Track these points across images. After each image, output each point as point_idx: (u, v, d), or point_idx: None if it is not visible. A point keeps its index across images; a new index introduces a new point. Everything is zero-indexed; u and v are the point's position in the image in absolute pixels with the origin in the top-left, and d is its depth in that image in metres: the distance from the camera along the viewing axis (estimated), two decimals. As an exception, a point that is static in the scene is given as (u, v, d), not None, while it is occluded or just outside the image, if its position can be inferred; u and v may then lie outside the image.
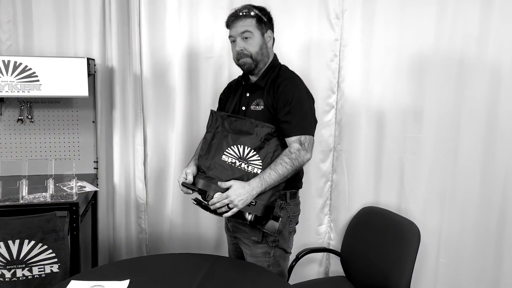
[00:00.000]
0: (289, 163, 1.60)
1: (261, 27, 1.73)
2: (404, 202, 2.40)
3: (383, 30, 2.30)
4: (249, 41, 1.71)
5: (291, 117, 1.64)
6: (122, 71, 2.49)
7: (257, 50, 1.73)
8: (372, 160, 2.41)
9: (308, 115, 1.68)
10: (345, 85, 2.39)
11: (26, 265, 1.93)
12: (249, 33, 1.70)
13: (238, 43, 1.72)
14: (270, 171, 1.60)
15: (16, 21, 2.44)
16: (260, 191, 1.59)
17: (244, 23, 1.70)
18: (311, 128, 1.68)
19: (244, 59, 1.73)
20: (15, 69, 2.16)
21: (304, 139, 1.64)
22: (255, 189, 1.58)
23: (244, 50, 1.72)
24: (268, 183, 1.59)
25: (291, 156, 1.61)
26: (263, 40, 1.74)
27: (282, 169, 1.60)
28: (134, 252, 2.66)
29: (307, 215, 2.49)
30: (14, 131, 2.43)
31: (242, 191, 1.57)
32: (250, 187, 1.58)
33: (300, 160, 1.62)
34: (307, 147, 1.64)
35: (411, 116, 2.34)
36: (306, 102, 1.70)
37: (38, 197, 1.97)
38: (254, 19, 1.71)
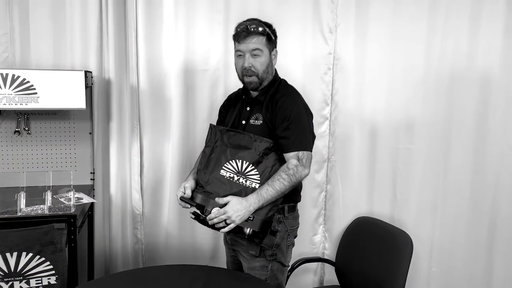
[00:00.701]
0: (286, 179, 1.63)
1: (270, 45, 1.75)
2: (397, 212, 2.45)
3: (376, 44, 2.36)
4: (258, 58, 1.72)
5: (289, 133, 1.67)
6: (119, 83, 2.52)
7: (264, 69, 1.74)
8: (366, 170, 2.46)
9: (306, 131, 1.70)
10: (339, 97, 2.44)
11: (23, 277, 1.94)
12: (259, 51, 1.71)
13: (247, 59, 1.71)
14: (267, 187, 1.62)
15: (13, 33, 2.46)
16: (257, 207, 1.61)
17: (256, 40, 1.70)
18: (309, 144, 1.71)
19: (250, 78, 1.73)
20: (13, 82, 2.18)
21: (302, 155, 1.66)
22: (252, 205, 1.60)
23: (252, 67, 1.72)
24: (265, 199, 1.61)
25: (288, 172, 1.63)
26: (270, 58, 1.76)
27: (279, 185, 1.62)
28: (130, 263, 2.67)
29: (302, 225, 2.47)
30: (11, 143, 2.44)
31: (239, 207, 1.59)
32: (247, 203, 1.60)
33: (298, 176, 1.65)
34: (305, 163, 1.66)
35: (403, 128, 2.39)
36: (305, 118, 1.72)
37: (36, 210, 1.98)
38: (264, 37, 1.72)
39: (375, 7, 2.34)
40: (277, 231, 1.75)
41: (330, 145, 2.50)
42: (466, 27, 2.29)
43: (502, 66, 2.30)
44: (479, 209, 2.37)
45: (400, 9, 2.34)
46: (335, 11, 2.39)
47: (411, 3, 2.31)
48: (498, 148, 2.32)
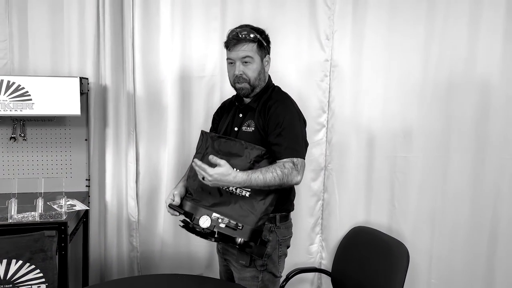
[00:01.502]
0: (279, 176, 1.58)
1: (261, 52, 1.73)
2: (395, 222, 2.41)
3: (373, 51, 2.34)
4: (249, 66, 1.70)
5: (281, 140, 1.64)
6: (115, 90, 2.51)
7: (255, 76, 1.72)
8: (363, 179, 2.43)
9: (299, 138, 1.67)
10: (335, 104, 2.41)
11: (13, 285, 1.92)
12: (249, 58, 1.69)
13: (238, 67, 1.70)
14: (259, 174, 1.57)
15: (12, 40, 2.47)
16: (240, 186, 1.59)
17: (246, 47, 1.69)
18: (302, 151, 1.68)
19: (242, 85, 1.72)
20: (8, 88, 2.18)
21: (297, 161, 1.62)
22: (236, 183, 1.56)
23: (243, 75, 1.70)
24: (251, 184, 1.57)
25: (284, 171, 1.58)
26: (261, 65, 1.74)
27: (270, 178, 1.57)
28: (125, 271, 2.65)
29: (298, 234, 2.48)
30: (7, 149, 2.44)
31: (222, 178, 1.53)
32: (233, 179, 1.54)
33: (290, 179, 1.60)
34: (299, 169, 1.63)
35: (400, 136, 2.36)
36: (297, 124, 1.69)
37: (27, 216, 1.97)
38: (255, 44, 1.70)
39: (372, 13, 2.32)
40: (268, 240, 1.72)
41: (327, 153, 2.47)
42: (464, 32, 2.25)
43: (502, 72, 2.26)
44: (479, 219, 2.32)
45: (397, 15, 2.31)
46: (332, 17, 2.37)
47: (408, 9, 2.29)
48: (498, 156, 2.27)
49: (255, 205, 1.64)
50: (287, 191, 1.76)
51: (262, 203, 1.64)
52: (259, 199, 1.64)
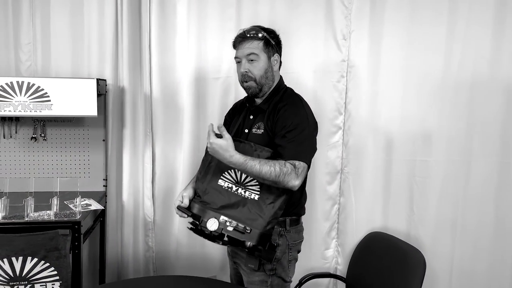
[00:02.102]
0: (276, 172, 1.52)
1: (268, 50, 1.70)
2: (414, 228, 2.32)
3: (391, 51, 2.27)
4: (254, 63, 1.68)
5: (285, 142, 1.60)
6: (132, 91, 2.54)
7: (261, 74, 1.69)
8: (380, 183, 2.35)
9: (304, 141, 1.62)
10: (352, 106, 2.35)
11: (28, 282, 1.97)
12: (255, 55, 1.67)
13: (243, 65, 1.69)
14: (256, 163, 1.53)
15: (35, 42, 2.54)
16: (235, 166, 1.56)
17: (251, 45, 1.67)
18: (305, 155, 1.61)
19: (248, 83, 1.70)
20: (28, 89, 2.24)
21: (298, 164, 1.57)
22: (232, 162, 1.55)
23: (248, 72, 1.68)
24: (245, 170, 1.55)
25: (282, 169, 1.53)
26: (269, 63, 1.71)
27: (266, 171, 1.52)
28: (141, 270, 2.67)
29: (313, 238, 2.44)
30: (28, 149, 2.50)
31: (220, 151, 1.55)
32: (229, 157, 1.54)
33: (287, 180, 1.54)
34: (299, 173, 1.57)
35: (420, 139, 2.27)
36: (305, 128, 1.64)
37: (42, 215, 2.01)
38: (261, 42, 1.68)
39: (390, 12, 2.25)
40: (278, 244, 1.68)
41: (343, 155, 2.41)
42: (489, 31, 2.15)
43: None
44: (503, 227, 2.20)
45: (417, 14, 2.23)
46: (349, 16, 2.31)
47: (428, 8, 2.20)
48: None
49: (264, 208, 1.61)
50: (298, 195, 1.72)
51: (271, 206, 1.61)
52: (268, 202, 1.61)
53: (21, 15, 2.50)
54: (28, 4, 2.50)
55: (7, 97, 2.23)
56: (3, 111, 2.23)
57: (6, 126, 2.47)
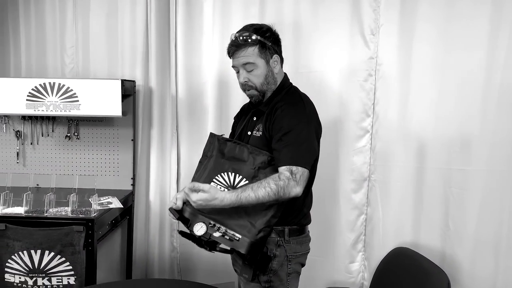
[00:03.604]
0: (273, 190, 1.43)
1: (265, 54, 1.59)
2: (449, 247, 2.05)
3: (424, 47, 2.03)
4: (253, 72, 1.59)
5: (282, 145, 1.49)
6: (160, 92, 2.57)
7: (261, 81, 1.60)
8: (411, 193, 2.12)
9: (302, 144, 1.49)
10: (380, 107, 2.15)
11: (46, 274, 2.05)
12: (252, 64, 1.58)
13: (241, 75, 1.61)
14: (250, 192, 1.44)
15: (77, 46, 2.67)
16: (230, 205, 1.45)
17: (246, 52, 1.57)
18: (303, 160, 1.48)
19: (250, 92, 1.63)
20: (59, 90, 2.35)
21: (296, 170, 1.45)
22: (226, 204, 1.45)
23: (248, 82, 1.60)
24: (242, 204, 1.45)
25: (278, 183, 1.43)
26: (268, 68, 1.60)
27: (263, 193, 1.43)
28: (166, 270, 2.69)
29: (336, 250, 2.28)
30: (62, 147, 2.63)
31: (208, 204, 1.45)
32: (221, 203, 1.44)
33: (287, 192, 1.44)
34: (298, 179, 1.45)
35: (457, 146, 2.01)
36: (303, 129, 1.51)
37: (60, 211, 2.08)
38: (256, 47, 1.57)
39: (423, 3, 2.01)
40: (275, 255, 1.57)
41: (370, 162, 2.21)
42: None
43: None
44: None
45: (455, 5, 1.96)
46: (378, 10, 2.11)
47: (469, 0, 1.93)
48: None
49: (256, 215, 1.51)
50: (298, 202, 1.59)
51: (263, 213, 1.51)
52: (262, 209, 1.51)
53: (66, 20, 2.64)
54: (72, 10, 2.64)
55: (40, 97, 2.35)
56: (37, 110, 2.36)
57: (44, 125, 2.61)
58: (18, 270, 2.04)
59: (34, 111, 2.37)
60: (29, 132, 2.62)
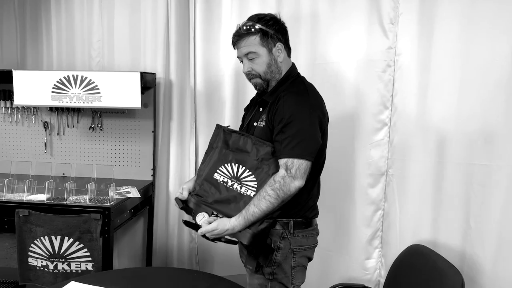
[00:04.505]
0: (273, 196, 1.44)
1: (267, 42, 1.57)
2: (470, 246, 1.95)
3: (446, 35, 1.93)
4: (255, 60, 1.58)
5: (282, 137, 1.47)
6: (179, 84, 2.60)
7: (264, 70, 1.59)
8: (430, 189, 2.03)
9: (303, 135, 1.47)
10: (399, 99, 2.07)
11: (65, 259, 2.13)
12: (253, 53, 1.57)
13: (245, 64, 1.61)
14: (253, 208, 1.47)
15: (103, 40, 2.75)
16: (241, 229, 1.49)
17: (247, 42, 1.57)
18: (302, 152, 1.46)
19: (254, 80, 1.63)
20: (81, 82, 2.43)
21: (291, 164, 1.44)
22: (237, 229, 1.49)
23: (252, 71, 1.60)
24: (251, 222, 1.48)
25: (274, 187, 1.45)
26: (271, 56, 1.58)
27: (265, 204, 1.45)
28: (185, 260, 2.73)
29: (351, 245, 2.23)
30: (87, 138, 2.72)
31: (223, 232, 1.50)
32: (234, 229, 1.49)
33: (286, 190, 1.44)
34: (294, 173, 1.44)
35: (480, 140, 1.89)
36: (305, 120, 1.49)
37: (79, 199, 2.16)
38: (257, 36, 1.56)
39: (446, -9, 1.91)
40: (278, 248, 1.55)
41: (388, 156, 2.13)
42: None
43: None
44: None
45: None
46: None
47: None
48: None
49: None
50: (304, 196, 1.56)
51: None
52: None
53: (93, 15, 2.72)
54: (98, 5, 2.71)
55: (64, 89, 2.44)
56: (61, 102, 2.45)
57: (70, 117, 2.71)
58: (40, 255, 2.14)
59: (58, 102, 2.46)
60: (56, 123, 2.73)
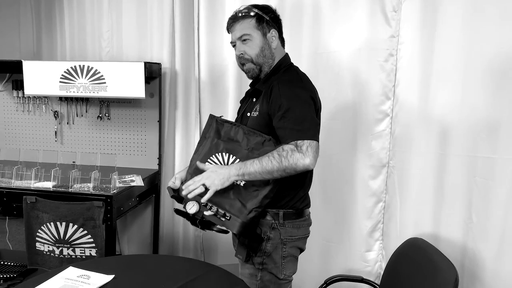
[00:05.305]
0: (276, 159, 1.41)
1: (262, 26, 1.59)
2: (471, 240, 1.90)
3: (450, 23, 1.86)
4: (248, 43, 1.58)
5: (285, 123, 1.46)
6: (184, 74, 2.62)
7: (257, 53, 1.58)
8: (431, 182, 1.98)
9: (305, 118, 1.46)
10: (401, 89, 2.02)
11: (70, 245, 2.20)
12: (247, 35, 1.58)
13: (238, 47, 1.61)
14: (255, 160, 1.45)
15: (112, 30, 2.78)
16: (237, 177, 1.46)
17: (242, 25, 1.58)
18: (310, 132, 1.45)
19: (247, 65, 1.61)
20: (88, 72, 2.47)
21: (300, 143, 1.42)
22: (232, 172, 1.46)
23: (244, 54, 1.59)
24: (248, 170, 1.44)
25: (281, 153, 1.42)
26: (264, 40, 1.59)
27: (267, 162, 1.42)
28: (190, 249, 2.77)
29: (352, 237, 2.20)
30: (95, 127, 2.78)
31: (219, 171, 1.47)
32: (227, 169, 1.47)
33: (292, 162, 1.40)
34: (305, 150, 1.41)
35: (484, 132, 1.83)
36: (302, 104, 1.48)
37: (83, 187, 2.21)
38: (253, 19, 1.58)
39: (450, -23, 1.84)
40: (268, 238, 1.56)
41: (390, 147, 2.09)
42: None
43: None
44: None
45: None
46: (400, -16, 1.97)
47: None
48: None
49: (247, 195, 1.51)
50: (294, 185, 1.55)
51: (255, 194, 1.50)
52: (253, 190, 1.50)
53: (102, 5, 2.76)
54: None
55: (71, 79, 2.49)
56: (69, 92, 2.51)
57: (78, 106, 2.77)
58: (47, 240, 2.21)
59: (66, 92, 2.51)
60: (66, 112, 2.79)
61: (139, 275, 1.59)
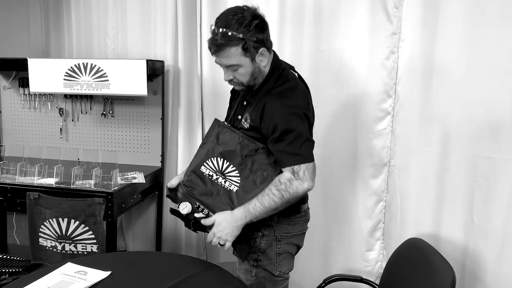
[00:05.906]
0: (277, 195, 1.44)
1: (250, 51, 1.43)
2: (473, 241, 1.87)
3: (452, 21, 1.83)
4: (239, 70, 1.48)
5: (281, 146, 1.45)
6: (187, 72, 2.62)
7: (248, 79, 1.50)
8: (433, 182, 1.96)
9: (301, 139, 1.45)
10: (402, 88, 1.99)
11: (72, 241, 2.22)
12: (235, 66, 1.45)
13: (226, 73, 1.51)
14: (256, 202, 1.47)
15: (117, 28, 2.80)
16: (244, 222, 1.49)
17: (228, 54, 1.42)
18: (306, 155, 1.45)
19: (237, 87, 1.56)
20: (91, 70, 2.49)
21: (297, 168, 1.43)
22: (238, 221, 1.48)
23: (234, 79, 1.52)
24: (253, 215, 1.47)
25: (279, 187, 1.44)
26: (254, 65, 1.47)
27: (268, 201, 1.45)
28: (193, 246, 2.78)
29: (352, 236, 2.19)
30: (99, 124, 2.80)
31: (225, 225, 1.49)
32: (233, 218, 1.49)
33: (293, 192, 1.43)
34: (302, 175, 1.43)
35: (486, 131, 1.80)
36: (297, 122, 1.45)
37: (85, 184, 2.23)
38: (238, 47, 1.41)
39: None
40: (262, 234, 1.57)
41: (391, 146, 2.06)
42: None
43: None
44: None
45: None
46: (402, -20, 1.93)
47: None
48: None
49: (238, 201, 1.51)
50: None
51: (246, 199, 1.50)
52: (244, 195, 1.51)
53: (108, 4, 2.77)
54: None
55: (75, 77, 2.52)
56: (72, 89, 2.53)
57: (83, 103, 2.79)
58: (49, 235, 2.24)
59: (70, 89, 2.54)
60: (71, 109, 2.82)
61: (136, 272, 1.61)
